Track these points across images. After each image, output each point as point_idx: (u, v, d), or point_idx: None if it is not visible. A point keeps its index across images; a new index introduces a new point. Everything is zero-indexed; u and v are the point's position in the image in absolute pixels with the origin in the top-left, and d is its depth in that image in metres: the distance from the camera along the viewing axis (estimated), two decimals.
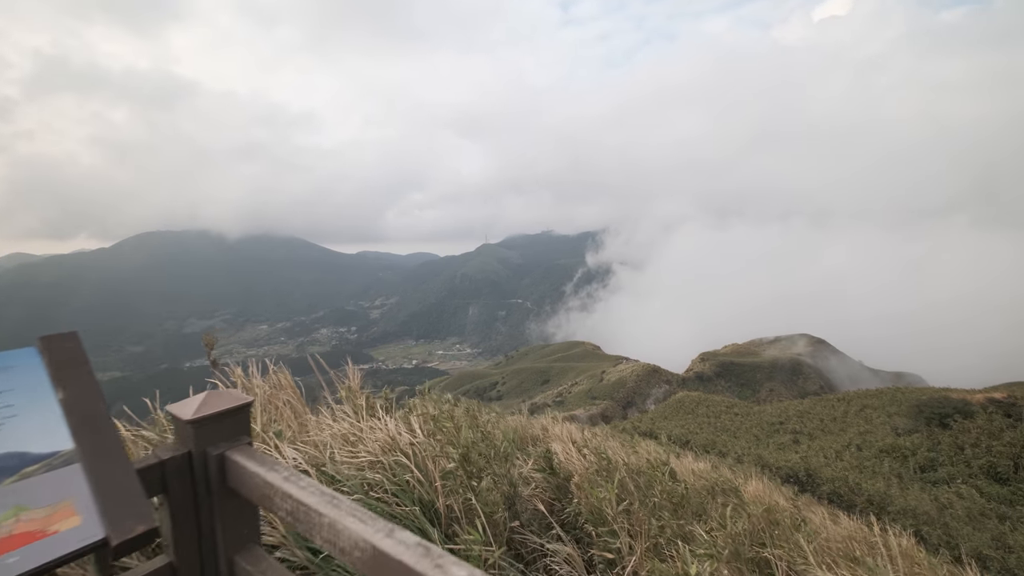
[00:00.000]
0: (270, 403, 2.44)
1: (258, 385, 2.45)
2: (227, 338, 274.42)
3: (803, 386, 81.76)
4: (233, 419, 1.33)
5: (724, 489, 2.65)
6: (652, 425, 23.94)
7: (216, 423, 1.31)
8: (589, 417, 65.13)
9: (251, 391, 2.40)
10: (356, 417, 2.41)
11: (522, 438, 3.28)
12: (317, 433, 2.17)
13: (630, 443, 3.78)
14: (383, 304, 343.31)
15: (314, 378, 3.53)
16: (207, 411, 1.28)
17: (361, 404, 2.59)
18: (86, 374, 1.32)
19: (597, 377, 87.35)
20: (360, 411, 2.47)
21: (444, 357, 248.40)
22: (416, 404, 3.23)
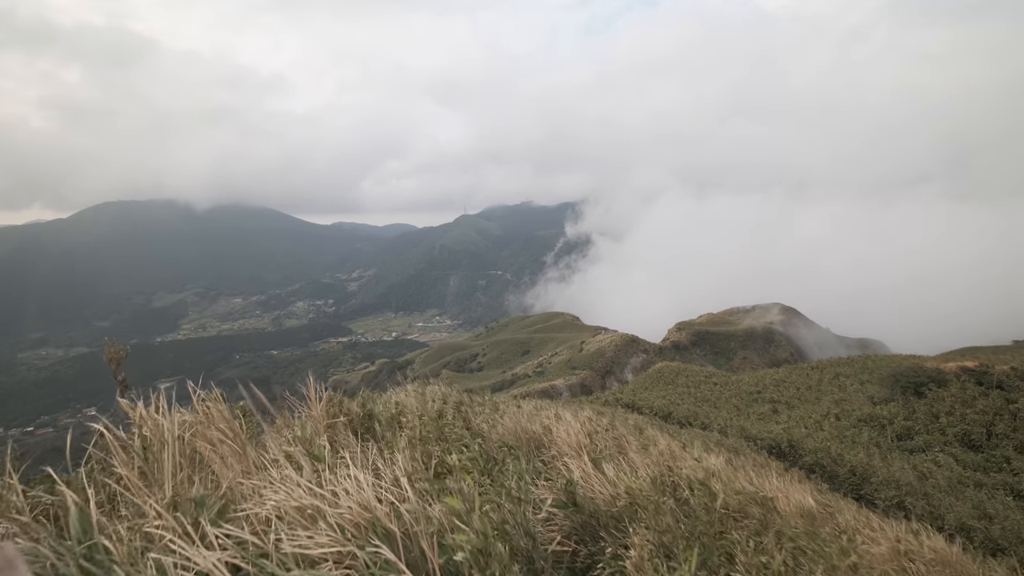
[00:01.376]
0: (191, 451, 1.72)
1: (168, 430, 1.70)
2: (199, 312, 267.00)
3: (774, 353, 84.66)
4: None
5: (759, 501, 2.30)
6: (634, 396, 24.10)
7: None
8: (568, 387, 66.22)
9: (158, 436, 1.68)
10: (315, 468, 1.65)
11: (526, 443, 2.82)
12: (258, 502, 1.46)
13: (641, 438, 3.41)
14: (361, 276, 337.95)
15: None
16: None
17: (323, 446, 1.81)
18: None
19: (576, 347, 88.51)
20: (322, 456, 1.72)
21: (424, 329, 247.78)
22: (404, 423, 2.57)
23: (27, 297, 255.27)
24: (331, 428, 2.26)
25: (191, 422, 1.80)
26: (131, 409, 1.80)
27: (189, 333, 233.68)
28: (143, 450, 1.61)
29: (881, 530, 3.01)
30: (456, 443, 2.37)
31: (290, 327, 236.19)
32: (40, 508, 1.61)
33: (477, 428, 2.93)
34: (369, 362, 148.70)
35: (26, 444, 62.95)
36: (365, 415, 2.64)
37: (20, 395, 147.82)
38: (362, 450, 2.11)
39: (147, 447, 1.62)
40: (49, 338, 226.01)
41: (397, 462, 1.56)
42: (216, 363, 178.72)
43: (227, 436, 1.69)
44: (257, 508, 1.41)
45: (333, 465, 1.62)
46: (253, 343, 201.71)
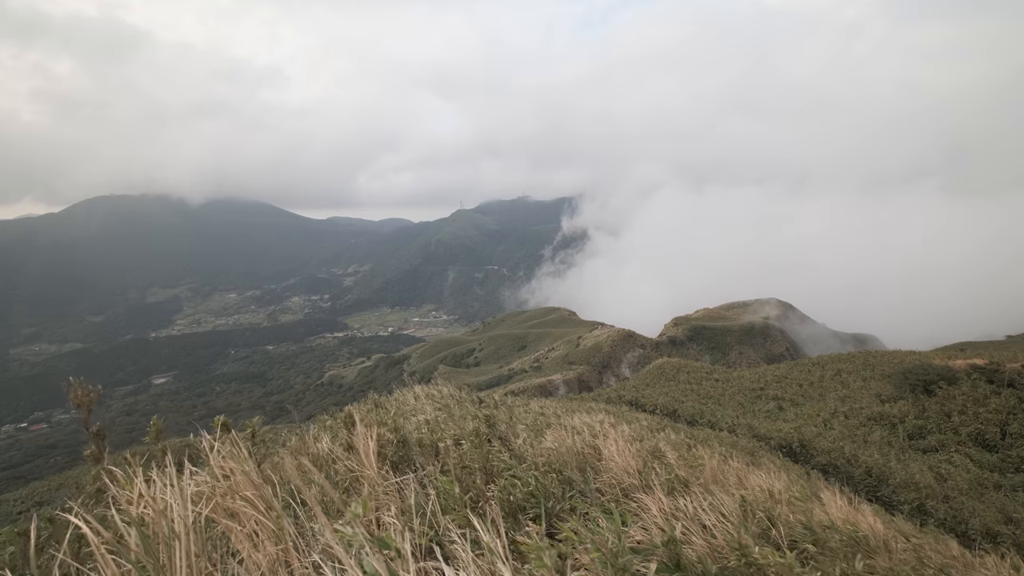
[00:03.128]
0: (208, 531, 1.25)
1: (180, 516, 1.21)
2: (194, 307, 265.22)
3: (770, 349, 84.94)
4: None
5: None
6: (637, 394, 23.92)
7: None
8: (566, 382, 66.14)
9: (165, 523, 1.21)
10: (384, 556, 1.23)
11: (575, 466, 2.53)
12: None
13: (689, 456, 3.14)
14: (356, 271, 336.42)
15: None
16: None
17: (393, 530, 1.37)
18: None
19: (573, 343, 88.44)
20: (394, 546, 1.27)
21: (420, 324, 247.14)
22: (441, 449, 2.12)
23: (19, 292, 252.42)
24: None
25: (207, 492, 1.41)
26: (124, 484, 1.33)
27: (184, 328, 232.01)
28: (143, 546, 1.15)
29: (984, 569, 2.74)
30: (507, 475, 2.08)
31: (285, 322, 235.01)
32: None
33: (519, 449, 2.63)
34: (365, 357, 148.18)
35: (20, 440, 62.55)
36: (399, 441, 2.34)
37: (13, 391, 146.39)
38: (400, 487, 1.80)
39: (149, 543, 1.15)
40: (42, 334, 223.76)
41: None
42: (211, 358, 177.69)
43: (257, 507, 1.37)
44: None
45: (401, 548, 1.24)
46: (248, 338, 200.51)
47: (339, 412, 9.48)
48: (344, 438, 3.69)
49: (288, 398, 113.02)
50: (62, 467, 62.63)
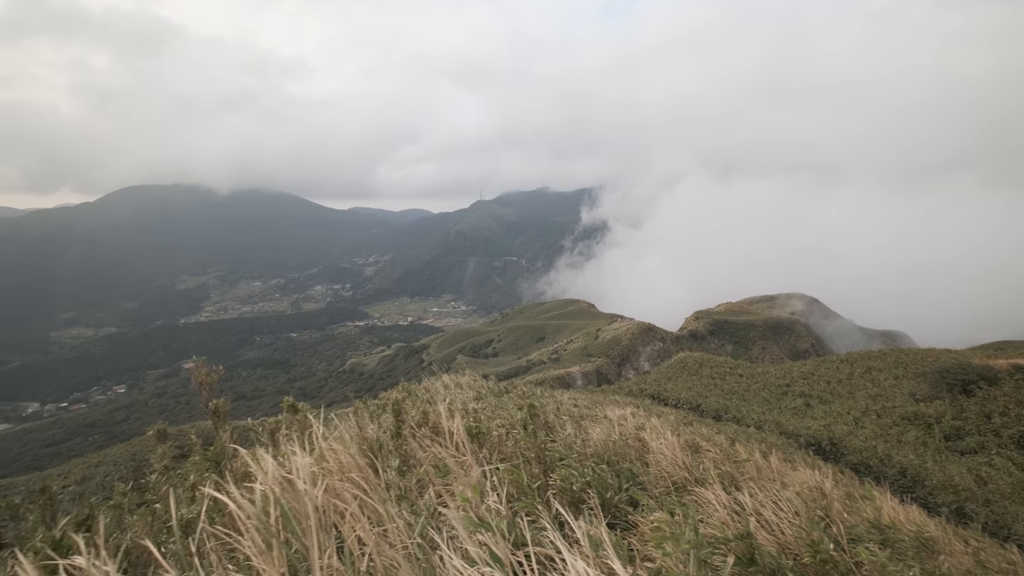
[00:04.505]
0: (323, 513, 1.27)
1: (306, 493, 1.26)
2: (221, 295, 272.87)
3: (795, 344, 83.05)
4: None
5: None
6: (659, 387, 23.77)
7: None
8: (584, 374, 66.04)
9: (292, 499, 1.30)
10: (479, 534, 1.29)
11: (623, 459, 2.55)
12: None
13: (732, 451, 3.12)
14: (377, 261, 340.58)
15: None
16: None
17: (496, 511, 1.45)
18: None
19: (592, 335, 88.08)
20: (495, 528, 1.33)
21: (439, 314, 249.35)
22: (495, 437, 2.15)
23: (58, 279, 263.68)
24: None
25: (319, 472, 1.46)
26: (254, 462, 1.39)
27: (211, 315, 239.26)
28: (279, 524, 1.21)
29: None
30: (563, 465, 2.11)
31: (308, 310, 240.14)
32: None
33: (566, 440, 2.67)
34: (385, 346, 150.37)
35: (61, 419, 65.73)
36: (448, 431, 2.40)
37: (54, 373, 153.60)
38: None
39: (285, 520, 1.23)
40: (79, 318, 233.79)
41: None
42: (238, 344, 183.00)
43: (365, 490, 1.42)
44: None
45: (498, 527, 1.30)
46: (273, 326, 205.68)
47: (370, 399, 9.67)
48: (390, 424, 3.79)
49: (311, 385, 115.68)
50: (100, 445, 65.49)
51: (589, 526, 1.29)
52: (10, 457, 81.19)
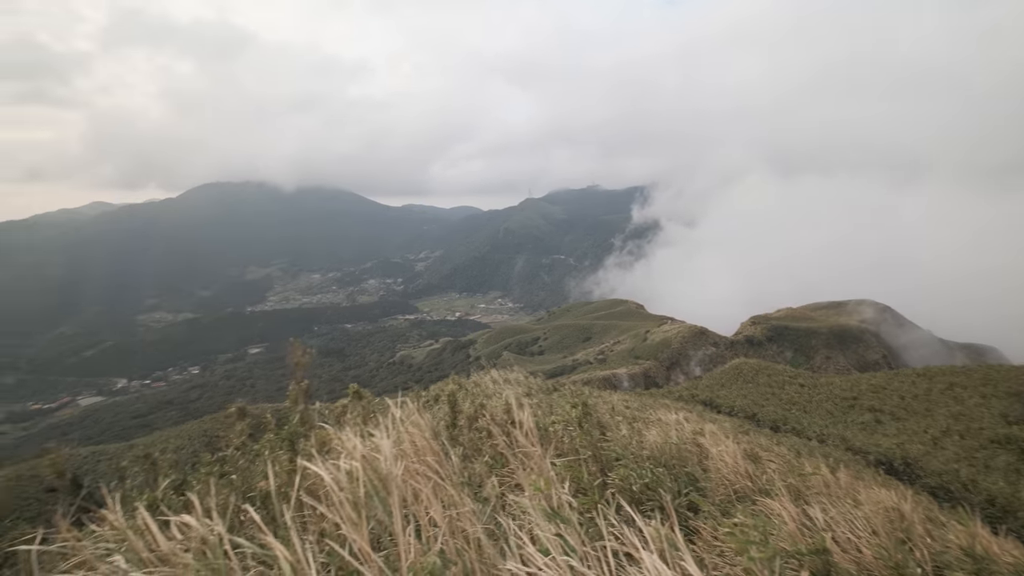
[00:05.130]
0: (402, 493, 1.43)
1: (389, 471, 1.37)
2: (283, 286, 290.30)
3: (863, 355, 77.24)
4: None
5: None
6: (711, 394, 22.93)
7: None
8: (631, 376, 64.63)
9: (375, 475, 1.39)
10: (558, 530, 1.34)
11: (680, 463, 2.50)
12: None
13: (799, 464, 2.94)
14: (428, 257, 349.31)
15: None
16: None
17: (568, 505, 1.52)
18: None
19: (640, 336, 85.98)
20: (566, 518, 1.41)
21: (486, 311, 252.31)
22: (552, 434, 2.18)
23: (144, 267, 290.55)
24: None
25: (397, 453, 1.53)
26: (336, 437, 1.38)
27: (275, 304, 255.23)
28: (373, 494, 1.35)
29: None
30: (620, 465, 2.11)
31: (362, 303, 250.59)
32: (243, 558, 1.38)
33: (622, 441, 2.65)
34: (433, 340, 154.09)
35: (144, 395, 72.26)
36: (508, 423, 2.45)
37: (139, 352, 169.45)
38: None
39: (369, 495, 1.35)
40: (162, 304, 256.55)
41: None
42: (298, 333, 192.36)
43: (439, 473, 1.48)
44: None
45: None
46: (329, 316, 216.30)
47: (420, 390, 9.95)
48: (446, 414, 3.93)
49: (363, 374, 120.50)
50: (177, 420, 71.54)
51: (660, 526, 1.36)
52: (103, 426, 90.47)
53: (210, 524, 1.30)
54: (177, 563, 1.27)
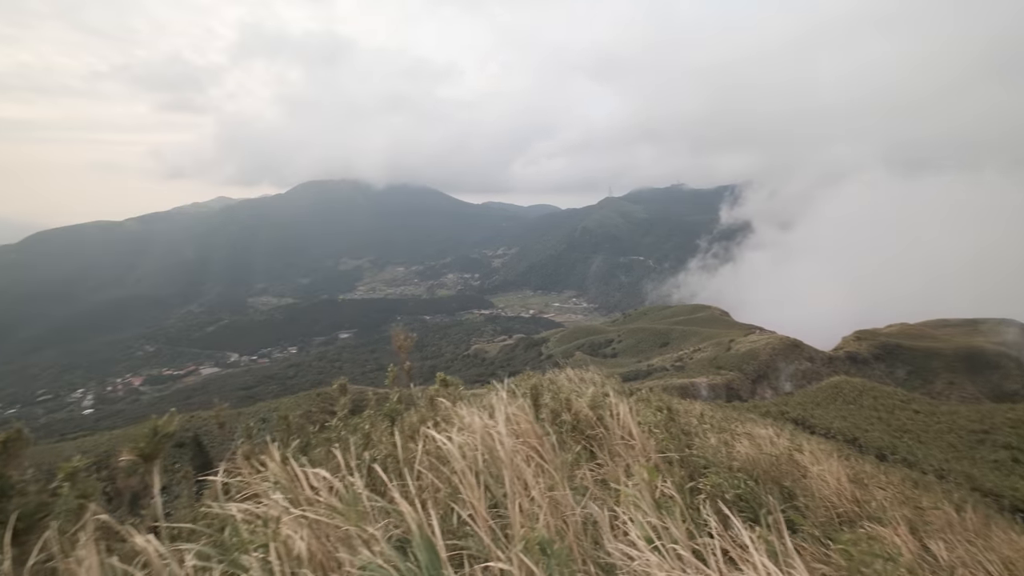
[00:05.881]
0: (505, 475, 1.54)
1: (503, 446, 1.53)
2: (371, 277, 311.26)
3: (999, 383, 66.32)
4: None
5: None
6: (803, 412, 21.12)
7: None
8: (711, 387, 60.93)
9: (488, 448, 1.56)
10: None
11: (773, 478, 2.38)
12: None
13: (909, 493, 2.65)
14: (505, 254, 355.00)
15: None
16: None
17: (671, 499, 1.64)
18: None
19: (724, 345, 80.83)
20: (669, 507, 1.52)
21: (560, 310, 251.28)
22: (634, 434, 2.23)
23: (256, 256, 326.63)
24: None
25: (503, 432, 1.64)
26: (455, 415, 1.61)
27: (363, 294, 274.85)
28: (489, 465, 1.51)
29: None
30: (710, 472, 2.07)
31: (441, 296, 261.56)
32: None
33: (711, 450, 2.58)
34: (507, 336, 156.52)
35: (252, 369, 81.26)
36: (597, 419, 2.49)
37: (250, 331, 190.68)
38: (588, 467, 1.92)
39: (487, 462, 1.51)
40: (268, 289, 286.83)
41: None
42: (381, 322, 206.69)
43: (541, 456, 1.53)
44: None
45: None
46: (410, 308, 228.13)
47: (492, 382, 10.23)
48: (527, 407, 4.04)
49: (439, 364, 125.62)
50: (277, 394, 79.52)
51: (766, 532, 1.37)
52: (218, 393, 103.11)
53: (351, 480, 1.45)
54: (326, 506, 1.46)
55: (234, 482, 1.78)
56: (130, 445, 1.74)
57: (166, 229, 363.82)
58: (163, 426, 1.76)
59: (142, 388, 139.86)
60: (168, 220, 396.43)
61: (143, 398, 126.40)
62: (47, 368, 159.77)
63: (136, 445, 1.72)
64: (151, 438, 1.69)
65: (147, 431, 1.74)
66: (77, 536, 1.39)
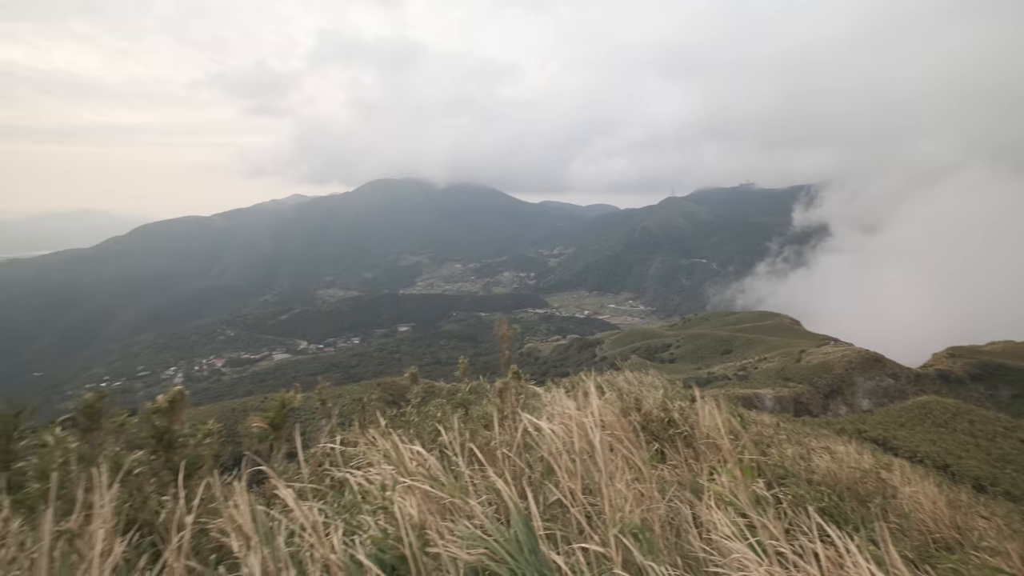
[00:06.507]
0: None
1: (594, 434, 1.62)
2: (430, 273, 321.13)
3: None
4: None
5: None
6: (884, 432, 19.50)
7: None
8: (777, 399, 57.29)
9: (582, 435, 1.64)
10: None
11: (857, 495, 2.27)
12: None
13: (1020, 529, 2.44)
14: (561, 253, 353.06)
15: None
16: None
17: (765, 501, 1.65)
18: None
19: (794, 356, 75.66)
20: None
21: (616, 311, 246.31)
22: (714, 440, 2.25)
23: (325, 250, 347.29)
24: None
25: (591, 423, 1.77)
26: (544, 404, 1.79)
27: (422, 289, 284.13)
28: (579, 449, 1.59)
29: None
30: (789, 483, 2.03)
31: (496, 294, 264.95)
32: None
33: (787, 459, 2.50)
34: (561, 336, 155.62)
35: (320, 357, 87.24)
36: (669, 421, 2.51)
37: (318, 321, 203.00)
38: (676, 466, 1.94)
39: (582, 447, 1.60)
40: (335, 282, 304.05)
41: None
42: (439, 317, 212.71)
43: (628, 447, 1.65)
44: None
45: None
46: (466, 304, 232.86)
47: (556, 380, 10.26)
48: (569, 412, 4.10)
49: (493, 361, 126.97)
50: (340, 381, 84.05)
51: (866, 542, 1.39)
52: (289, 377, 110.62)
53: (452, 456, 1.57)
54: (430, 478, 1.56)
55: (349, 451, 1.94)
56: (261, 414, 2.03)
57: (247, 224, 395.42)
58: (289, 400, 2.04)
59: (223, 369, 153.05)
60: (249, 216, 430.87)
61: (223, 378, 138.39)
62: (146, 347, 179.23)
63: (266, 415, 2.00)
64: (279, 409, 1.97)
65: (276, 403, 2.02)
66: (232, 484, 1.62)
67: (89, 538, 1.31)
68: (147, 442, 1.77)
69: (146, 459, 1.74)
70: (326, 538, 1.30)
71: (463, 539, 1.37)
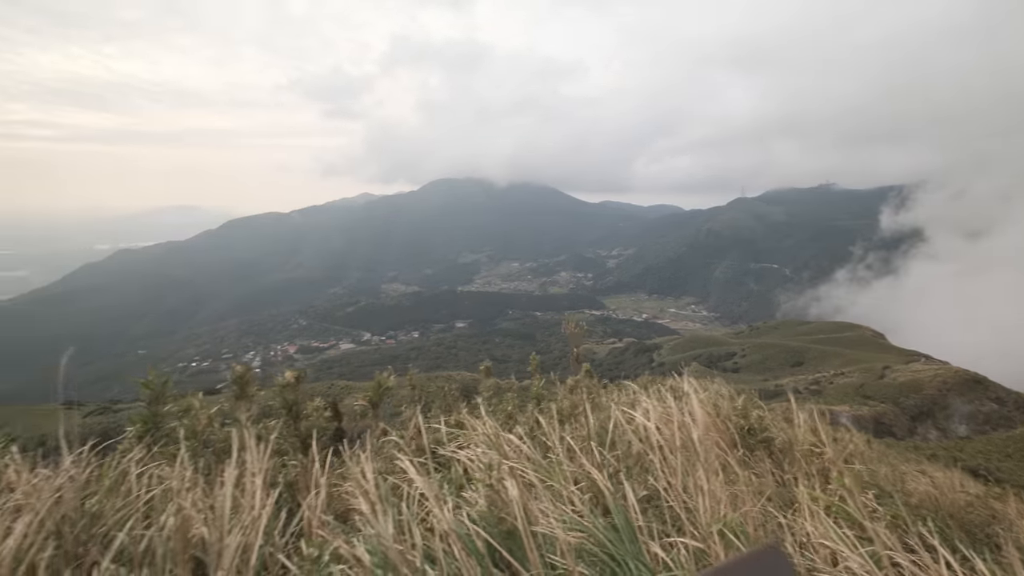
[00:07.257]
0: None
1: (691, 430, 1.75)
2: (488, 271, 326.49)
3: None
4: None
5: None
6: (986, 462, 17.56)
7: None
8: (855, 418, 52.70)
9: (669, 437, 1.74)
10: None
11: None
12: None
13: None
14: (620, 254, 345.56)
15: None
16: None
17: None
18: None
19: (876, 372, 69.25)
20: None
21: (676, 316, 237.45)
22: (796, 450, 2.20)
23: (390, 247, 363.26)
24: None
25: (690, 422, 1.85)
26: (639, 398, 1.87)
27: (480, 287, 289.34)
28: (679, 444, 1.69)
29: None
30: (889, 503, 1.95)
31: (553, 294, 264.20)
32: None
33: (881, 478, 2.38)
34: (617, 339, 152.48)
35: (381, 349, 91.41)
36: (749, 429, 2.48)
37: (381, 314, 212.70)
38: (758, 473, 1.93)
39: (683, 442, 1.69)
40: (399, 277, 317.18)
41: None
42: (495, 315, 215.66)
43: (723, 447, 1.72)
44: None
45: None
46: (523, 303, 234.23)
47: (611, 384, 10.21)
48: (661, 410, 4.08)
49: (547, 360, 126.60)
50: (399, 373, 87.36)
51: (990, 564, 1.40)
52: (354, 366, 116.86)
53: (552, 443, 1.69)
54: (530, 462, 1.69)
55: (453, 431, 2.14)
56: (362, 394, 2.28)
57: (320, 221, 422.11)
58: (384, 381, 2.28)
59: (295, 356, 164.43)
60: (322, 213, 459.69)
61: (296, 364, 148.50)
62: (230, 332, 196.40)
63: (366, 394, 2.25)
64: (377, 389, 2.21)
65: (374, 384, 2.27)
66: (357, 452, 1.82)
67: (244, 489, 1.49)
68: (279, 412, 2.05)
69: (281, 427, 2.02)
70: (442, 508, 1.38)
71: (564, 523, 1.42)
